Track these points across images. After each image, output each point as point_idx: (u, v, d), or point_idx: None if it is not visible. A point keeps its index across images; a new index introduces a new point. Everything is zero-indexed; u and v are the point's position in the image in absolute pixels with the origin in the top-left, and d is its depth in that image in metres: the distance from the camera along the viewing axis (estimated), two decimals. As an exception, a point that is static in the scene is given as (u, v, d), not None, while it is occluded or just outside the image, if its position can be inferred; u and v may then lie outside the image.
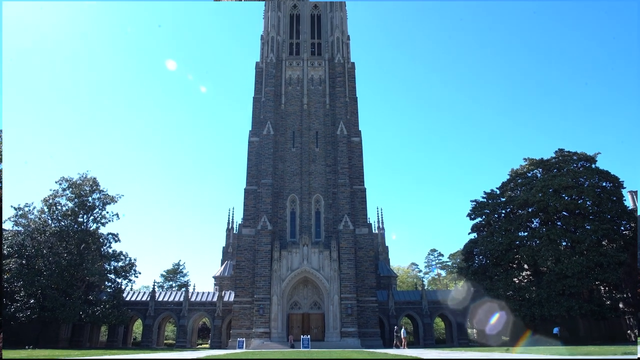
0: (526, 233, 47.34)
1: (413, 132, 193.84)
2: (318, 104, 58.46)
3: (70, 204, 44.66)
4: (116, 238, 47.36)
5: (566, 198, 44.74)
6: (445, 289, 68.34)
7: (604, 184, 45.52)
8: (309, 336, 44.31)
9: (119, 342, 54.90)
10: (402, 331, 41.98)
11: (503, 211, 50.17)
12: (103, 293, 49.19)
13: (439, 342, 60.55)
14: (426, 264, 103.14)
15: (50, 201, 44.28)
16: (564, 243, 44.87)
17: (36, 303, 40.56)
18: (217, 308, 53.87)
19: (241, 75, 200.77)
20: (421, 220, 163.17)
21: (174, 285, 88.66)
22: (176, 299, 55.74)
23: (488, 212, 50.49)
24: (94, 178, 46.22)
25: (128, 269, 47.10)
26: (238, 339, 46.04)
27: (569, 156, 48.22)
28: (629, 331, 46.15)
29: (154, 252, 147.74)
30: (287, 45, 61.53)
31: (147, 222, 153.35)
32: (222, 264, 69.05)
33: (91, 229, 45.65)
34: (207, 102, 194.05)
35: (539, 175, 49.42)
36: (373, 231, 65.64)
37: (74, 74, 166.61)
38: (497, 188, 51.87)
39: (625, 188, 46.00)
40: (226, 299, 54.73)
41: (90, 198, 45.11)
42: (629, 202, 50.66)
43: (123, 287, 49.15)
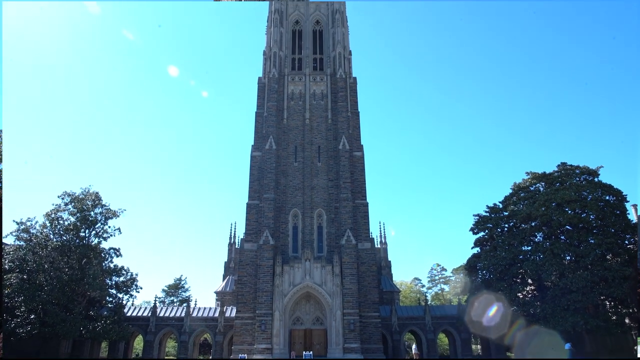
0: (530, 247, 47.05)
1: (415, 146, 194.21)
2: (320, 119, 58.72)
3: (72, 219, 44.66)
4: (118, 253, 47.27)
5: (569, 212, 44.57)
6: (449, 304, 67.74)
7: (607, 198, 45.33)
8: (312, 352, 43.84)
9: (120, 358, 54.41)
10: (414, 347, 41.69)
11: (506, 225, 49.98)
12: (104, 308, 48.90)
13: (443, 359, 59.82)
14: (429, 279, 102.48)
15: (52, 215, 44.29)
16: (568, 257, 44.54)
17: (36, 318, 40.31)
18: (219, 324, 53.47)
19: (244, 91, 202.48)
20: (424, 234, 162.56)
21: (176, 300, 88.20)
22: (177, 315, 55.38)
23: (491, 226, 50.28)
24: (97, 192, 46.30)
25: (129, 284, 46.89)
26: (240, 355, 45.59)
27: (572, 170, 48.17)
28: (636, 347, 45.54)
29: (156, 267, 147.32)
30: (290, 60, 62.05)
31: (149, 237, 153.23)
32: (224, 279, 68.71)
33: (93, 244, 45.56)
34: (210, 116, 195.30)
35: (542, 189, 49.31)
36: (375, 246, 65.37)
37: (74, 81, 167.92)
38: (500, 202, 51.72)
39: (628, 202, 45.82)
40: (228, 315, 54.34)
41: (92, 212, 45.12)
42: (633, 216, 50.41)
43: (124, 303, 48.86)
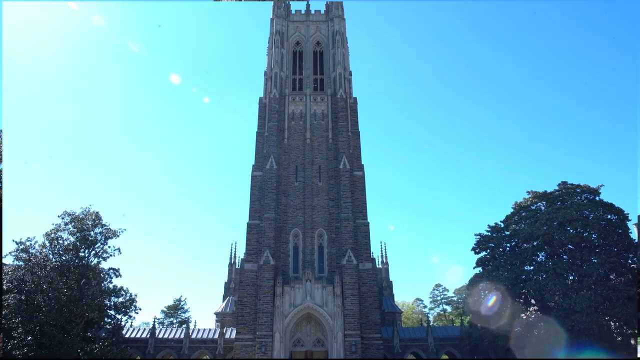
0: (532, 267, 46.75)
1: (415, 166, 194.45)
2: (321, 139, 58.98)
3: (72, 238, 44.50)
4: (117, 273, 46.97)
5: (571, 231, 44.39)
6: (451, 325, 66.95)
7: (609, 217, 45.24)
8: (312, 374, 43.17)
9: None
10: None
11: (508, 245, 49.77)
12: (102, 330, 48.35)
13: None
14: (431, 299, 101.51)
15: (52, 235, 44.15)
16: (571, 277, 44.22)
17: (34, 340, 39.80)
18: (219, 345, 52.77)
19: (244, 111, 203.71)
20: (425, 254, 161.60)
21: (175, 321, 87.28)
22: (177, 336, 54.70)
23: (493, 246, 50.05)
24: (97, 212, 46.25)
25: (128, 305, 46.45)
26: (239, 378, 44.89)
27: (572, 189, 48.16)
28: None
29: (155, 288, 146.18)
30: (290, 81, 62.63)
31: (148, 257, 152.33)
32: (224, 300, 68.10)
33: (92, 264, 45.31)
34: (210, 135, 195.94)
35: (543, 208, 49.24)
36: (377, 266, 65.00)
37: (76, 95, 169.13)
38: (502, 221, 51.60)
39: (630, 220, 45.68)
40: (228, 336, 53.67)
41: (92, 232, 44.98)
42: (635, 235, 50.16)
43: (123, 324, 48.35)
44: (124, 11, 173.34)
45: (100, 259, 45.74)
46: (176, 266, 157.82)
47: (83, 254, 44.73)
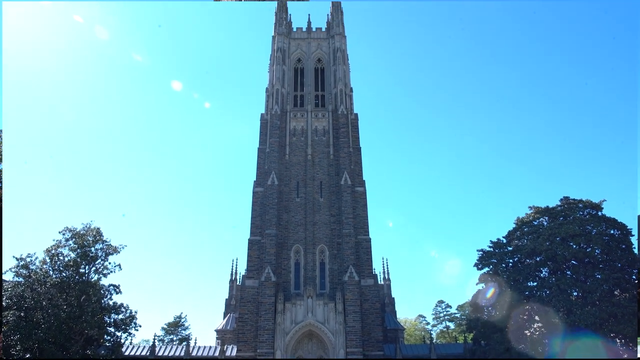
0: (535, 283, 46.48)
1: (416, 181, 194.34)
2: (322, 155, 59.16)
3: (72, 255, 44.30)
4: (117, 289, 46.60)
5: (574, 246, 44.17)
6: (454, 342, 66.20)
7: (612, 232, 45.07)
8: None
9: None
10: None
11: (510, 261, 49.46)
12: (102, 347, 47.79)
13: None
14: (434, 316, 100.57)
15: (52, 251, 43.97)
16: (575, 293, 43.89)
17: (32, 358, 39.36)
18: (219, 363, 52.13)
19: (245, 127, 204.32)
20: (427, 270, 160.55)
21: (175, 339, 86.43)
22: (177, 354, 54.06)
23: (495, 262, 49.74)
24: (98, 228, 46.10)
25: (128, 322, 45.98)
26: (240, 397, 44.28)
27: (575, 204, 48.06)
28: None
29: (155, 304, 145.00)
30: (292, 97, 63.10)
31: (149, 273, 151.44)
32: (225, 317, 67.48)
33: (92, 280, 45.01)
34: (212, 149, 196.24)
35: (546, 223, 49.05)
36: (379, 282, 64.53)
37: (77, 107, 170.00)
38: (504, 237, 51.37)
39: (633, 235, 45.45)
40: (228, 354, 53.02)
41: (92, 248, 44.78)
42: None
43: (123, 341, 47.80)
44: (126, 20, 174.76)
45: (100, 275, 45.45)
46: (176, 283, 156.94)
47: (83, 270, 44.49)
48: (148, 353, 53.12)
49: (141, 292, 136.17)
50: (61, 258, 44.23)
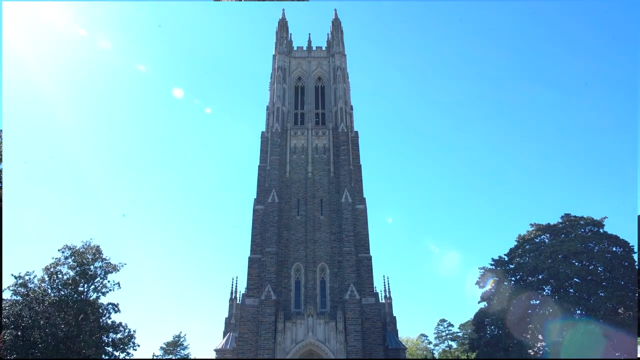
0: (538, 301, 46.11)
1: (416, 198, 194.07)
2: (322, 172, 59.19)
3: (71, 273, 44.02)
4: (116, 308, 46.18)
5: (576, 264, 44.02)
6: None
7: (614, 249, 44.91)
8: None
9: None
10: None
11: (513, 278, 49.23)
12: (99, 367, 47.21)
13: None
14: (436, 335, 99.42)
15: (51, 269, 43.70)
16: (578, 311, 43.49)
17: (29, 378, 38.84)
18: (218, 384, 51.41)
19: (245, 145, 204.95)
20: (429, 288, 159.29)
21: (174, 358, 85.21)
22: (175, 374, 53.36)
23: (497, 280, 49.51)
24: (97, 246, 45.90)
25: (127, 342, 45.45)
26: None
27: (576, 221, 48.02)
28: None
29: (154, 323, 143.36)
30: (292, 115, 63.44)
31: (147, 291, 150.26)
32: (224, 336, 66.62)
33: (91, 299, 44.64)
34: (210, 170, 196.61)
35: (547, 240, 48.97)
36: (380, 300, 63.86)
37: (79, 120, 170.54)
38: (505, 254, 51.25)
39: (636, 252, 45.24)
40: (228, 374, 52.34)
41: (92, 267, 44.52)
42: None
43: (120, 362, 47.12)
44: (130, 32, 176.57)
45: (99, 294, 45.09)
46: (176, 301, 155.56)
47: (82, 289, 44.17)
48: (146, 373, 52.37)
49: (140, 311, 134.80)
50: (60, 276, 43.96)
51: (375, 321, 50.68)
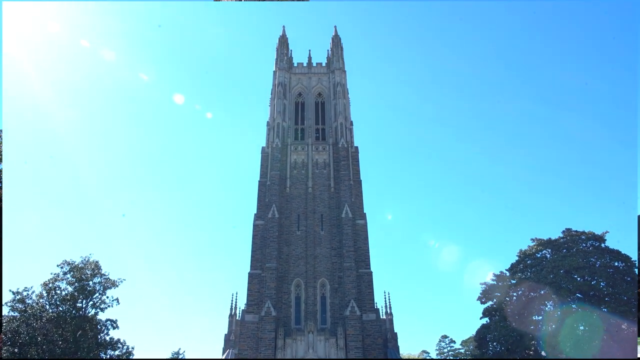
0: (540, 317, 45.74)
1: (417, 213, 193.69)
2: (323, 187, 59.22)
3: (70, 288, 43.80)
4: (115, 324, 45.85)
5: (579, 279, 43.77)
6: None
7: (616, 264, 44.68)
8: None
9: None
10: None
11: (515, 294, 48.88)
12: (97, 385, 46.66)
13: None
14: (437, 352, 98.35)
15: (50, 285, 43.49)
16: (582, 327, 43.08)
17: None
18: (217, 402, 50.70)
19: (244, 161, 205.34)
20: (430, 304, 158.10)
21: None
22: (174, 392, 52.67)
23: (499, 295, 49.19)
24: (96, 261, 45.74)
25: (125, 359, 45.06)
26: None
27: (577, 236, 47.88)
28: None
29: (152, 340, 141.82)
30: (292, 130, 63.72)
31: (146, 308, 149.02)
32: (224, 353, 65.95)
33: (89, 315, 44.34)
34: (210, 185, 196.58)
35: (549, 255, 48.77)
36: (381, 316, 63.36)
37: (81, 134, 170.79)
38: (507, 270, 51.01)
39: (637, 268, 45.02)
40: (227, 392, 51.65)
41: (90, 282, 44.31)
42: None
43: (118, 379, 46.59)
44: (132, 40, 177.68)
45: (97, 310, 44.81)
46: (174, 317, 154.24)
47: (80, 305, 43.89)
48: (144, 391, 51.71)
49: (138, 327, 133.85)
50: (58, 292, 43.72)
51: (376, 337, 50.17)
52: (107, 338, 45.80)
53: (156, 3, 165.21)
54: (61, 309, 43.07)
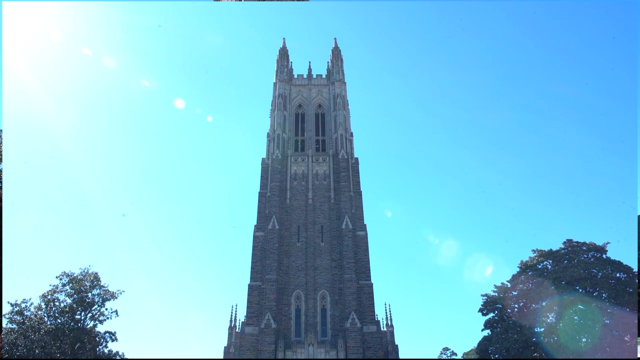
0: (542, 329, 45.37)
1: (417, 223, 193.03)
2: (323, 199, 59.18)
3: (69, 300, 43.58)
4: (113, 337, 45.54)
5: (580, 290, 43.51)
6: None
7: (618, 275, 44.43)
8: None
9: None
10: None
11: (516, 305, 48.56)
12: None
13: None
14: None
15: (48, 297, 43.28)
16: (584, 339, 42.71)
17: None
18: (216, 416, 50.14)
19: (245, 172, 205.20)
20: (431, 316, 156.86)
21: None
22: (172, 406, 52.14)
23: (501, 307, 48.89)
24: (96, 273, 45.58)
25: (123, 372, 44.75)
26: None
27: (578, 246, 47.68)
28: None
29: (151, 352, 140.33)
30: (293, 142, 63.85)
31: (145, 320, 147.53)
32: (223, 366, 65.35)
33: (88, 327, 44.06)
34: (210, 198, 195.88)
35: (550, 267, 48.50)
36: (381, 328, 62.85)
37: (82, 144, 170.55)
38: (508, 281, 50.70)
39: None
40: (226, 406, 51.10)
41: (89, 294, 44.11)
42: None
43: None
44: (134, 47, 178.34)
45: (96, 322, 44.56)
46: (173, 330, 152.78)
47: (79, 317, 43.64)
48: (143, 405, 51.18)
49: (137, 339, 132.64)
50: (57, 304, 43.51)
51: (377, 350, 49.85)
52: (106, 351, 45.48)
53: (157, 9, 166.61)
54: (60, 321, 42.81)
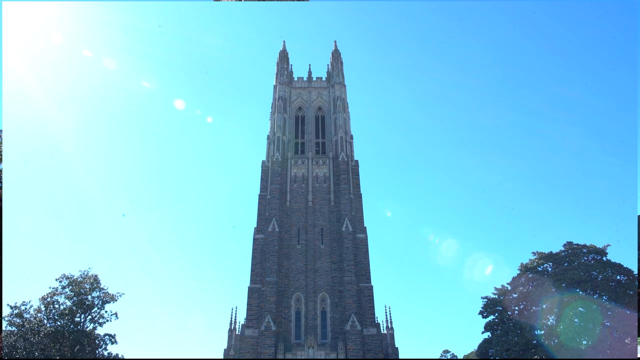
0: (542, 331, 45.31)
1: (417, 226, 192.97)
2: (323, 201, 59.17)
3: (68, 302, 43.52)
4: (113, 339, 45.48)
5: (581, 293, 43.49)
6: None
7: (618, 277, 44.40)
8: None
9: None
10: None
11: (516, 308, 48.50)
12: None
13: None
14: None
15: (48, 299, 43.23)
16: (584, 342, 42.66)
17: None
18: (216, 419, 50.01)
19: (245, 174, 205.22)
20: (431, 318, 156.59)
21: None
22: (172, 409, 52.02)
23: (501, 309, 48.83)
24: (95, 275, 45.55)
25: (122, 374, 44.67)
26: None
27: (579, 249, 47.66)
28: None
29: (150, 354, 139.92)
30: (293, 144, 63.88)
31: (144, 322, 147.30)
32: (223, 369, 65.21)
33: (87, 330, 44.00)
34: (210, 200, 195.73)
35: (550, 269, 48.48)
36: (382, 331, 62.78)
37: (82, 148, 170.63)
38: (508, 283, 50.67)
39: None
40: (226, 409, 50.97)
41: (89, 296, 44.08)
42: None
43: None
44: (134, 49, 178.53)
45: (96, 325, 44.51)
46: (173, 332, 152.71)
47: (79, 319, 43.59)
48: (142, 408, 51.07)
49: (136, 341, 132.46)
50: (57, 306, 43.47)
51: (377, 352, 49.76)
52: (105, 353, 45.44)
53: (157, 10, 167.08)
54: (59, 324, 42.77)
